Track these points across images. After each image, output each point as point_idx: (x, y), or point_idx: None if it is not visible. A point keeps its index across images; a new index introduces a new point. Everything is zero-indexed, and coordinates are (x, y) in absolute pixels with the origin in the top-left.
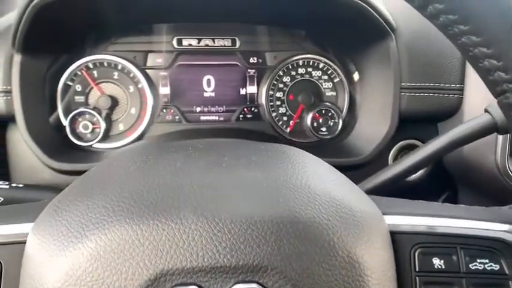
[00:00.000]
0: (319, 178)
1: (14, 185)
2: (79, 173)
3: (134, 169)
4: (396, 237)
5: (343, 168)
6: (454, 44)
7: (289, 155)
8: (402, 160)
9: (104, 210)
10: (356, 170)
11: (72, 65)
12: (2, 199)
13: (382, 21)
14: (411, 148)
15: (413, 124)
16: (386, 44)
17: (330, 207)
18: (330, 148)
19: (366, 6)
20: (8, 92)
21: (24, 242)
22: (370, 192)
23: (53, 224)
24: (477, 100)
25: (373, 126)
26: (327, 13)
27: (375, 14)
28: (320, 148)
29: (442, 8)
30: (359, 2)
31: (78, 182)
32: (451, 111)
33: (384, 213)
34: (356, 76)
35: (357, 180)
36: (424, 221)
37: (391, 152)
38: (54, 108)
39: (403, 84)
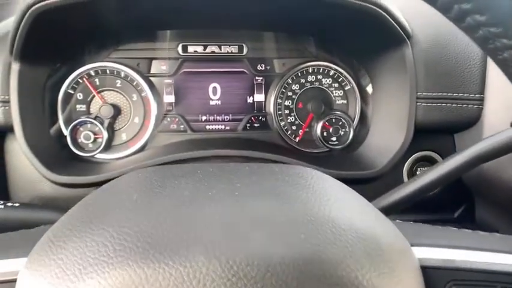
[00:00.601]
0: (343, 208)
1: (9, 204)
2: (80, 185)
3: (138, 198)
4: (428, 272)
5: (355, 181)
6: (493, 59)
7: (307, 180)
8: (420, 176)
9: (104, 250)
10: (368, 183)
11: (74, 73)
12: None
13: (398, 28)
14: (426, 160)
15: (429, 135)
16: (402, 52)
17: (357, 243)
18: (341, 159)
19: (382, 12)
20: (5, 102)
21: (14, 281)
22: (386, 210)
23: (46, 263)
24: (498, 111)
25: (386, 137)
26: (340, 19)
27: (391, 20)
28: (330, 159)
29: (484, 20)
30: (374, 7)
31: (76, 211)
32: (470, 122)
33: (412, 245)
34: (370, 89)
35: (368, 193)
36: (459, 255)
37: (406, 164)
38: (54, 117)
39: (419, 93)
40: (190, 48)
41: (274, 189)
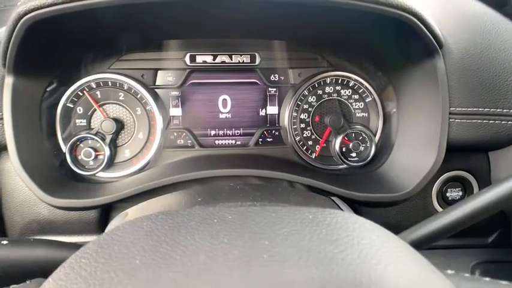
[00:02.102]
0: (397, 273)
1: None
2: (80, 209)
3: (142, 264)
4: None
5: (380, 205)
6: None
7: (348, 232)
8: (457, 207)
9: None
10: (394, 205)
11: (73, 85)
12: None
13: (430, 36)
14: (458, 180)
15: (461, 153)
16: (433, 62)
17: None
18: (361, 178)
19: (415, 19)
20: None
21: None
22: (419, 243)
23: None
24: None
25: (414, 156)
26: (365, 27)
27: (424, 28)
28: (350, 178)
29: None
30: (407, 15)
31: (66, 274)
32: (509, 140)
33: None
34: (393, 109)
35: (391, 213)
36: None
37: (435, 185)
38: (52, 133)
39: (452, 109)
40: (199, 58)
41: (311, 249)
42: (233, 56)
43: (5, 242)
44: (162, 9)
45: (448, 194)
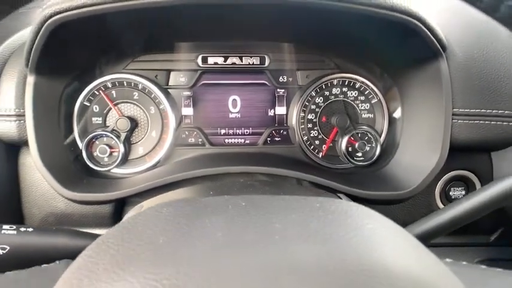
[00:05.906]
0: (398, 253)
1: (22, 229)
2: (95, 202)
3: (164, 242)
4: None
5: (385, 202)
6: None
7: (354, 218)
8: (460, 202)
9: None
10: (397, 203)
11: (90, 85)
12: (8, 248)
13: (434, 40)
14: (461, 180)
15: (464, 154)
16: (437, 65)
17: None
18: (367, 177)
19: (418, 23)
20: (20, 116)
21: None
22: (423, 236)
23: None
24: None
25: (418, 155)
26: (370, 31)
27: (427, 31)
28: (355, 176)
29: None
30: (410, 19)
31: (95, 252)
32: (510, 141)
33: None
34: (398, 113)
35: (395, 211)
36: None
37: (438, 184)
38: (69, 131)
39: (455, 110)
40: (210, 60)
41: (319, 231)
42: (243, 57)
43: (30, 230)
44: (177, 13)
45: (451, 193)
